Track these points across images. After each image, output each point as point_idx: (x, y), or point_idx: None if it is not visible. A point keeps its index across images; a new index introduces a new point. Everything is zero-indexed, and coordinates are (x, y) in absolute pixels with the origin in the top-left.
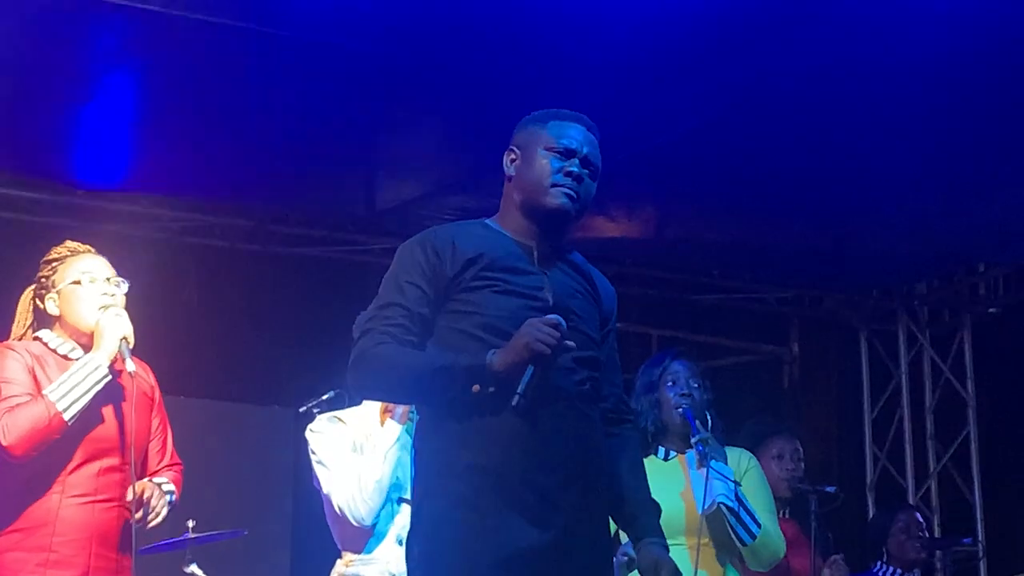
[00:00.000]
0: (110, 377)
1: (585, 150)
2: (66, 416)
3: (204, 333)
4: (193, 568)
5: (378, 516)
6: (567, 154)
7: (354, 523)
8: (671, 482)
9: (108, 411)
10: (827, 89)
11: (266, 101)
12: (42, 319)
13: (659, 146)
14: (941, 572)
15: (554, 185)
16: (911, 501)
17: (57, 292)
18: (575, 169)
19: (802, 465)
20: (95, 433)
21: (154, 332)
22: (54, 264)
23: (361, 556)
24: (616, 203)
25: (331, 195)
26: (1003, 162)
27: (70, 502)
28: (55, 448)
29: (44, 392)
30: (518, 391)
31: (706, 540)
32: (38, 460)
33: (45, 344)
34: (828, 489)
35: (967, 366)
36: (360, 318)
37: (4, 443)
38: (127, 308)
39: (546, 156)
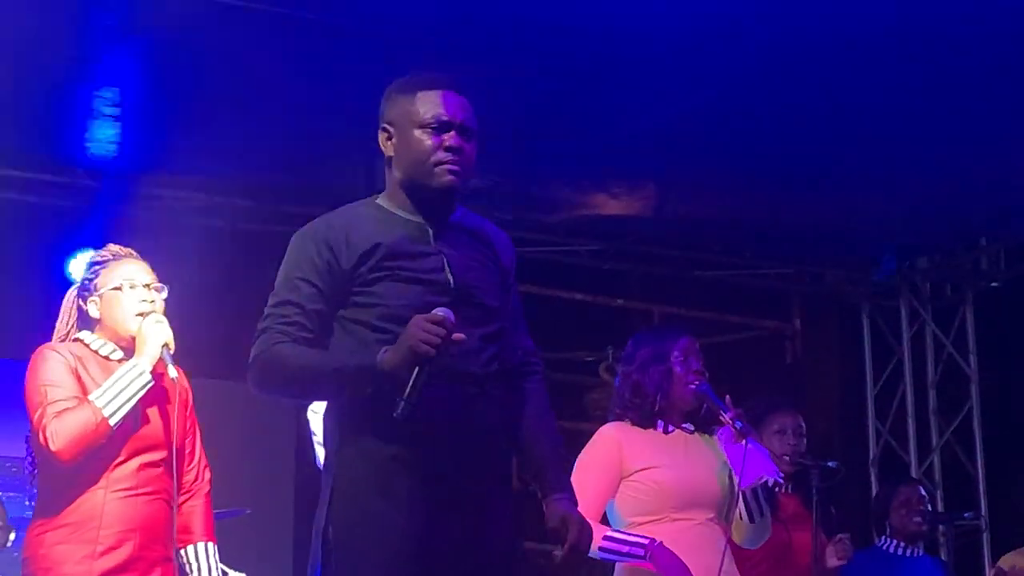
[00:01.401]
0: (152, 383)
1: (460, 117)
2: (111, 421)
3: (206, 312)
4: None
5: None
6: (443, 128)
7: None
8: (693, 456)
9: (149, 410)
10: (828, 65)
11: (268, 81)
12: (84, 320)
13: (660, 123)
14: (944, 546)
15: (437, 164)
16: (914, 475)
17: (99, 296)
18: (454, 142)
19: (804, 440)
20: (139, 432)
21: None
22: (96, 267)
23: None
24: (617, 180)
25: (333, 174)
26: (1005, 136)
27: (114, 496)
28: (103, 445)
29: (90, 398)
30: (402, 397)
31: (712, 515)
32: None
33: (87, 345)
34: (830, 464)
35: (969, 340)
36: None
37: (52, 448)
38: None
39: (422, 133)
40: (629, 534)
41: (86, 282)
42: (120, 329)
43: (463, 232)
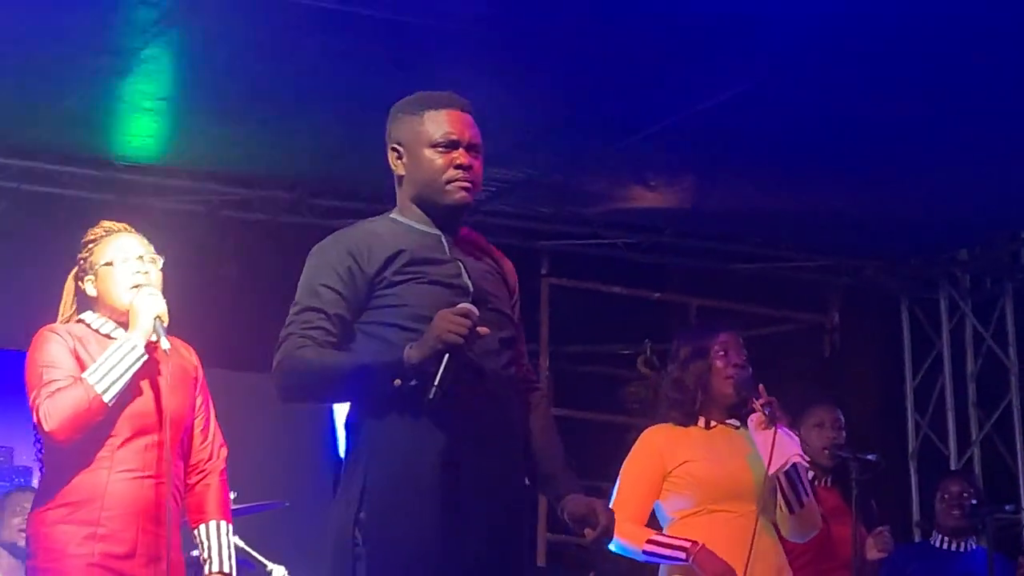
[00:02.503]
0: (146, 357)
1: (467, 135)
2: (105, 398)
3: (244, 306)
4: (235, 540)
5: None
6: (452, 146)
7: None
8: (732, 449)
9: (152, 390)
10: (867, 55)
11: (305, 72)
12: (84, 301)
13: (697, 115)
14: (984, 539)
15: (449, 181)
16: (953, 469)
17: (94, 274)
18: (464, 160)
19: (843, 434)
20: (142, 409)
21: (194, 305)
22: (90, 246)
23: None
24: (655, 172)
25: (370, 167)
26: None
27: (118, 477)
28: (103, 424)
29: (83, 375)
30: (434, 383)
31: (753, 508)
32: (86, 436)
33: (87, 325)
34: (869, 457)
35: (1009, 333)
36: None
37: (47, 429)
38: (167, 281)
39: (432, 153)
40: (672, 537)
41: (81, 261)
42: (117, 305)
43: (473, 246)
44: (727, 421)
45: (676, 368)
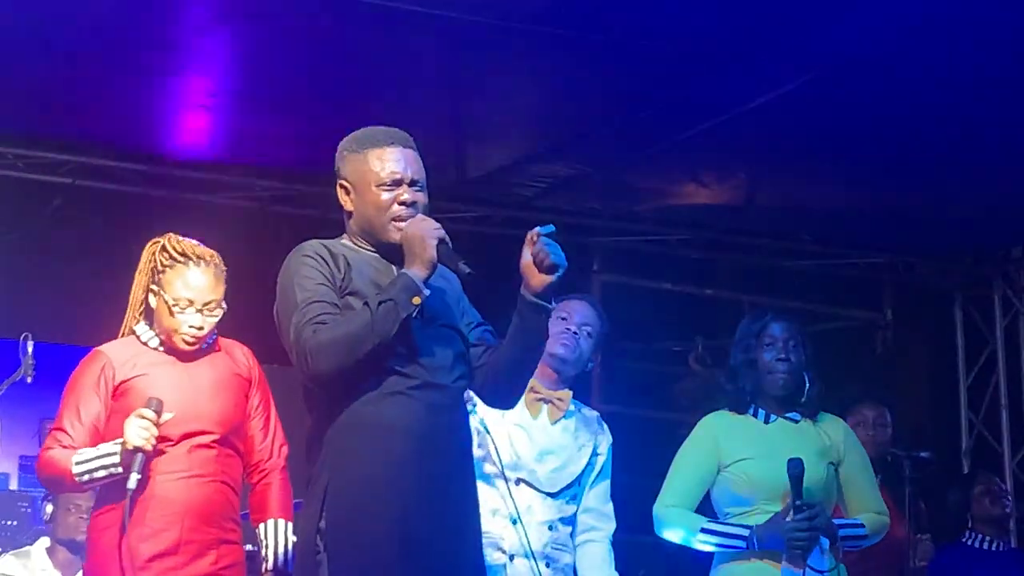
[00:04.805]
0: (120, 470)
1: (410, 172)
2: (79, 481)
3: None
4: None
5: None
6: (396, 184)
7: None
8: (791, 446)
9: (196, 394)
10: (921, 50)
11: (355, 69)
12: (146, 310)
13: (750, 111)
14: None
15: (394, 219)
16: (1007, 467)
17: (157, 296)
18: (407, 196)
19: (887, 431)
20: (187, 414)
21: (245, 301)
22: (164, 264)
23: None
24: (707, 169)
25: (423, 164)
26: None
27: (164, 479)
28: None
29: (73, 457)
30: (461, 262)
31: None
32: None
33: (137, 338)
34: (922, 455)
35: None
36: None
37: (39, 477)
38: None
39: (378, 191)
40: (729, 524)
41: (152, 273)
42: (166, 334)
43: None
44: (786, 415)
45: (731, 357)
